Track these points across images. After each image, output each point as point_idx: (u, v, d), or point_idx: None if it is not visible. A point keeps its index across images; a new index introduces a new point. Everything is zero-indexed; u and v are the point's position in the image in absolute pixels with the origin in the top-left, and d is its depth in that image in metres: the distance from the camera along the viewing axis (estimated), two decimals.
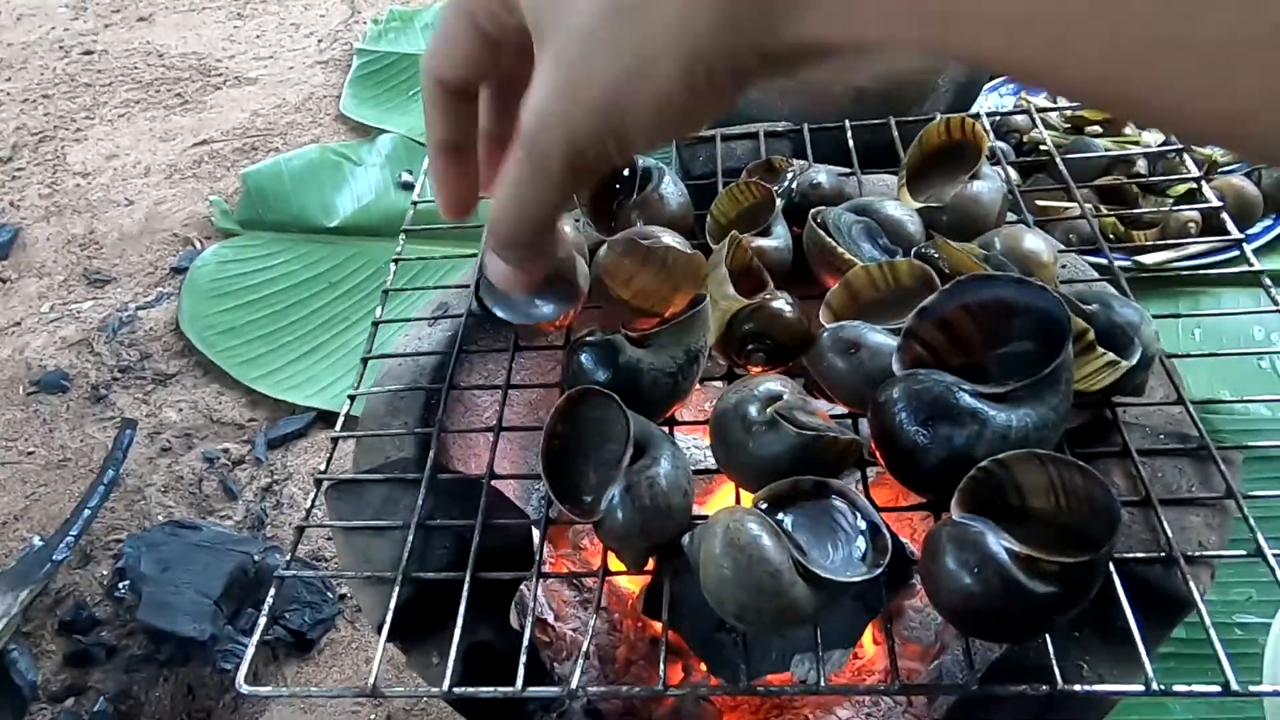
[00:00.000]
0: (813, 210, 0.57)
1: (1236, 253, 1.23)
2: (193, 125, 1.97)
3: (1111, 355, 0.47)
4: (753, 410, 0.47)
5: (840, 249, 0.55)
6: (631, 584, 0.79)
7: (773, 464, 0.46)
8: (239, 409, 1.43)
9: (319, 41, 2.18)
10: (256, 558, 1.13)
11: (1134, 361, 0.48)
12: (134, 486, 1.32)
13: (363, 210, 1.62)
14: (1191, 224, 1.22)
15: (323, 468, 0.57)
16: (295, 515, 1.25)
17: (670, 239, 0.57)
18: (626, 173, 0.65)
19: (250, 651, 0.46)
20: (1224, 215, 0.63)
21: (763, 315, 0.53)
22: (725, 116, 1.39)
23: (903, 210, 0.58)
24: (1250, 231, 1.25)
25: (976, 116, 0.64)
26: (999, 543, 0.40)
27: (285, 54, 2.16)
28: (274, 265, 1.58)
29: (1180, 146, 0.73)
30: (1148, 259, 1.23)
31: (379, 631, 0.47)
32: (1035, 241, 0.54)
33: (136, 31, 2.30)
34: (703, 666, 0.66)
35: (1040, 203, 1.13)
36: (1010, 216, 0.67)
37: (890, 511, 0.52)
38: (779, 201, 0.61)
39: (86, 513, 1.18)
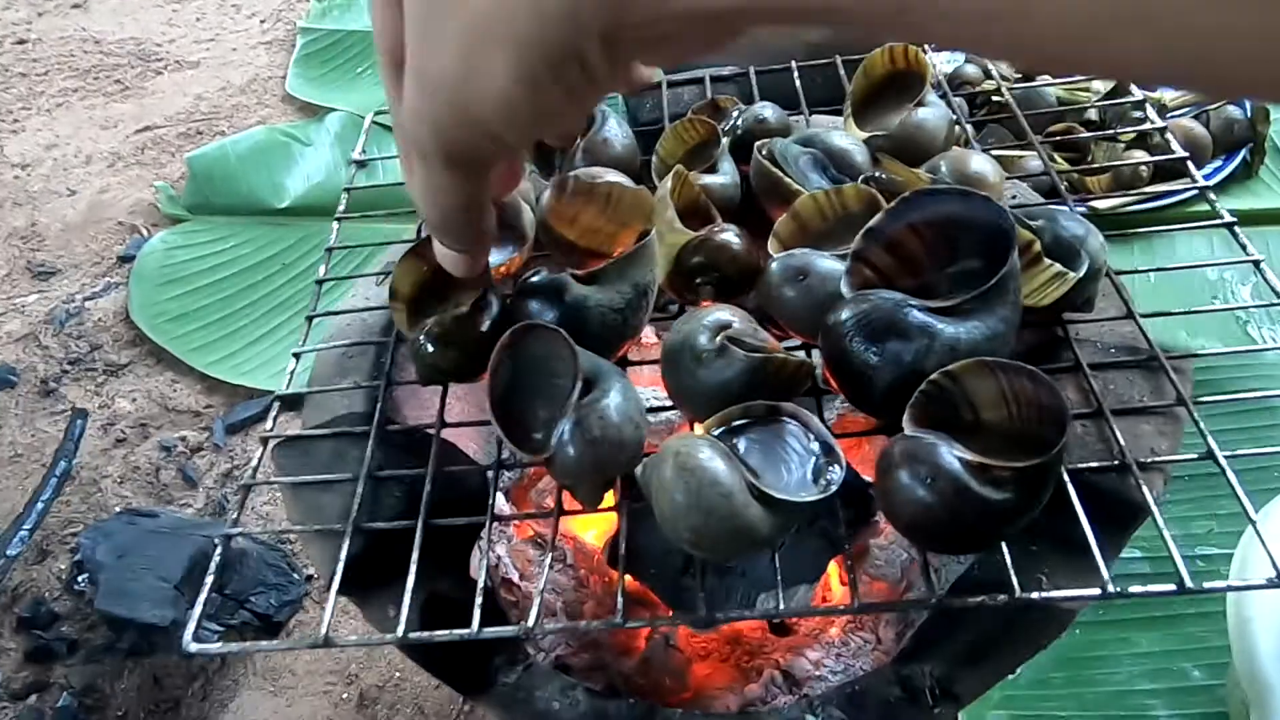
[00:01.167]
0: (759, 142, 0.56)
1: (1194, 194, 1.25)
2: (134, 112, 1.92)
3: (1059, 266, 0.46)
4: (702, 339, 0.46)
5: (788, 179, 0.54)
6: (596, 540, 0.78)
7: (724, 390, 0.45)
8: (195, 396, 1.40)
9: (261, 22, 2.13)
10: (218, 540, 1.11)
11: (1081, 273, 0.47)
12: (89, 479, 1.29)
13: (313, 190, 1.59)
14: (1143, 169, 1.23)
15: (269, 427, 0.55)
16: (258, 499, 1.23)
17: (615, 177, 0.56)
18: None
19: (197, 610, 0.45)
20: (1189, 164, 0.63)
21: (710, 247, 0.52)
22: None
23: (849, 140, 0.58)
24: (1202, 173, 1.27)
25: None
26: (951, 453, 0.40)
27: (227, 36, 2.11)
28: (224, 250, 1.54)
29: (1136, 98, 0.73)
30: (1102, 204, 1.24)
31: (330, 585, 0.46)
32: (982, 163, 0.54)
33: (71, 19, 2.23)
34: (670, 615, 0.66)
35: (995, 153, 1.14)
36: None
37: (844, 438, 0.52)
38: (725, 138, 0.60)
39: (39, 506, 1.15)
